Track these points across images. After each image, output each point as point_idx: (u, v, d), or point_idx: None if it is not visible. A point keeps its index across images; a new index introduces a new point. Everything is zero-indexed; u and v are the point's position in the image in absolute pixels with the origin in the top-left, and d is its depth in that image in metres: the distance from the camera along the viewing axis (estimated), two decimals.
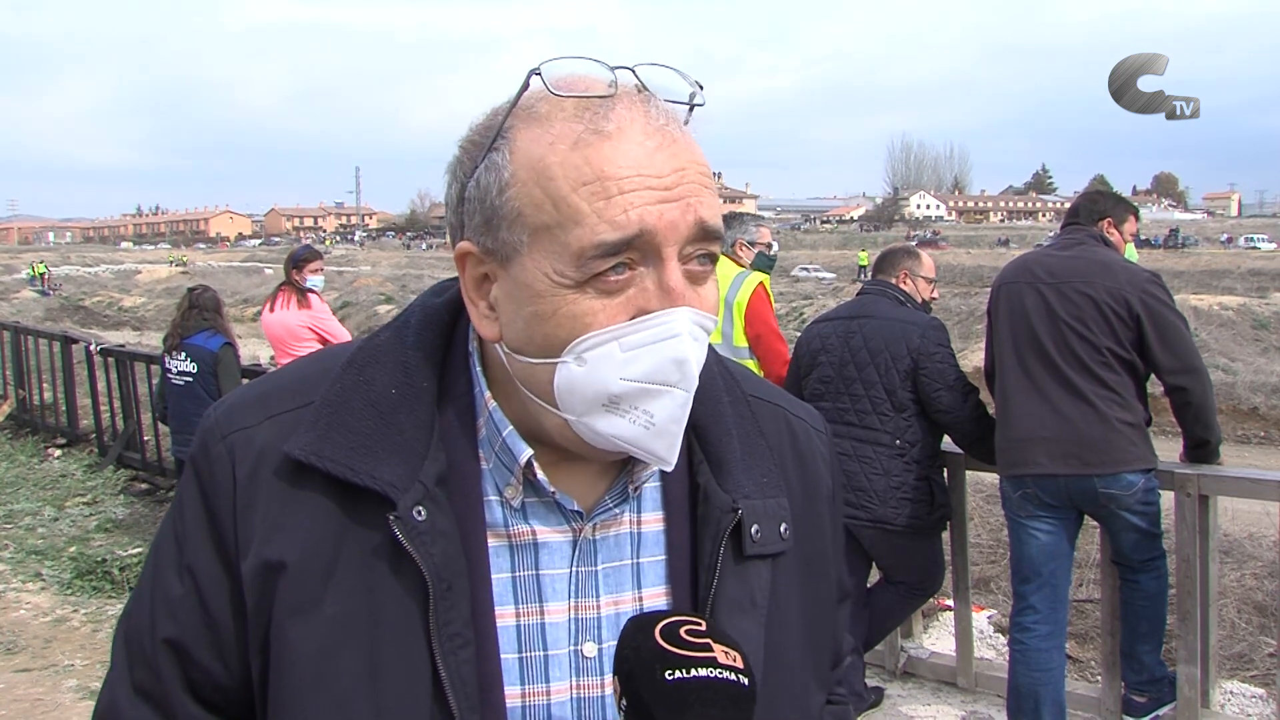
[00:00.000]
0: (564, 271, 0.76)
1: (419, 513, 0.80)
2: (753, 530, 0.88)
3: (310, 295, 5.72)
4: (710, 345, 0.96)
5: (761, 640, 0.87)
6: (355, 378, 0.85)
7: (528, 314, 0.78)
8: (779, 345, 4.18)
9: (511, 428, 0.84)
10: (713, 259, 0.81)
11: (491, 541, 0.84)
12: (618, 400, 0.76)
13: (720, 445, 0.90)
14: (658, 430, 0.77)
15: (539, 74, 0.78)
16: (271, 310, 5.76)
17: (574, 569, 0.85)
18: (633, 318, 0.76)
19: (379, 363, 0.86)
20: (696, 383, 0.78)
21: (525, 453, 0.83)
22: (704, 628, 0.76)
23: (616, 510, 0.87)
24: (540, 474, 0.84)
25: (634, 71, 0.79)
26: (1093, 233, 3.37)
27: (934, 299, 3.91)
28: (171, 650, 0.85)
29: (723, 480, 0.88)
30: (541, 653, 0.84)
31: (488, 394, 0.86)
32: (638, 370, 0.76)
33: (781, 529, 0.90)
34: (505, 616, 0.84)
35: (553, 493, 0.84)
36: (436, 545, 0.80)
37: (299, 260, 5.83)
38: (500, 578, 0.84)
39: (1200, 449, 3.34)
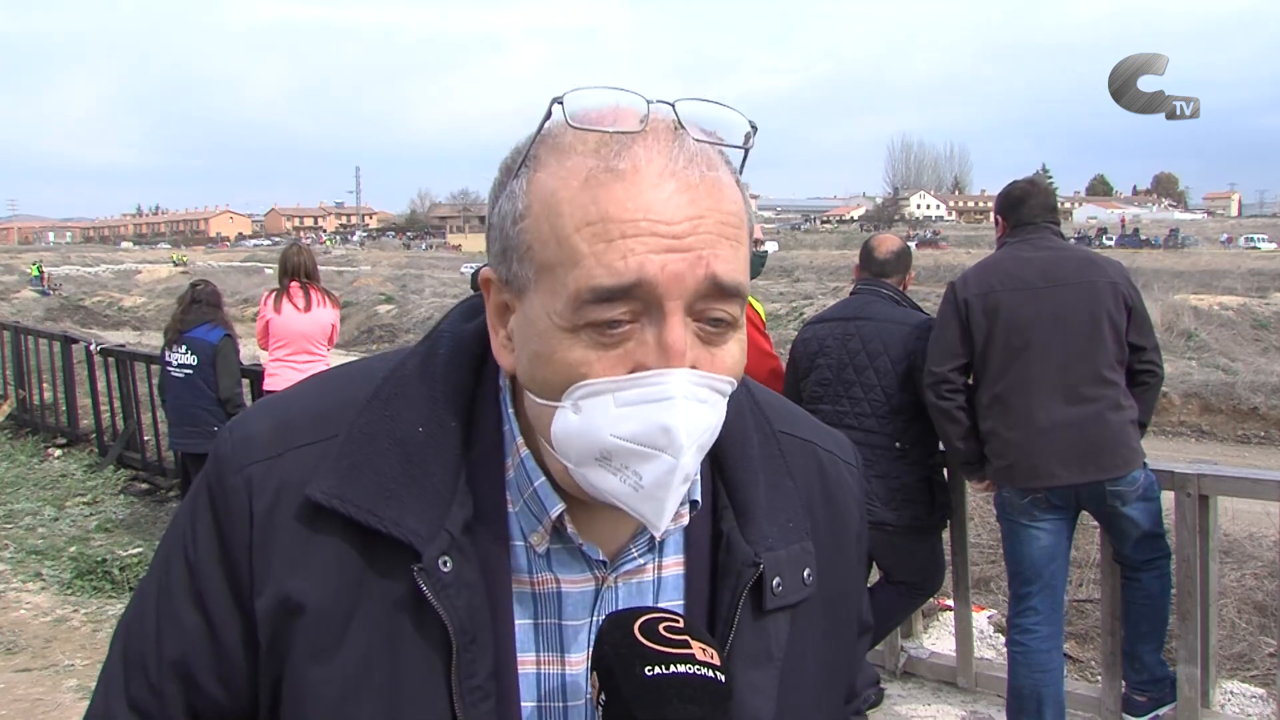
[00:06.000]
0: (562, 314, 0.72)
1: (444, 564, 0.77)
2: (774, 584, 0.84)
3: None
4: (744, 381, 0.89)
5: (775, 692, 0.84)
6: (381, 412, 0.82)
7: (530, 352, 0.75)
8: (764, 347, 4.02)
9: (544, 478, 0.80)
10: (728, 323, 0.74)
11: (514, 588, 0.82)
12: (609, 456, 0.72)
13: (745, 491, 0.86)
14: (646, 493, 0.72)
15: (560, 103, 0.73)
16: (307, 309, 5.57)
17: (594, 618, 0.83)
18: (631, 371, 0.72)
19: (405, 397, 0.83)
20: (692, 451, 0.72)
21: (558, 507, 0.80)
22: (681, 624, 0.76)
23: (641, 560, 0.84)
24: (570, 527, 0.81)
25: (674, 107, 0.74)
26: (1053, 229, 3.37)
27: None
28: (177, 674, 0.83)
29: (746, 529, 0.85)
30: (560, 704, 0.82)
31: (520, 439, 0.82)
32: (627, 429, 0.71)
33: (805, 575, 0.87)
34: (526, 664, 0.82)
35: (580, 545, 0.82)
36: (461, 597, 0.77)
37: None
38: (523, 624, 0.82)
39: (1142, 429, 3.31)
